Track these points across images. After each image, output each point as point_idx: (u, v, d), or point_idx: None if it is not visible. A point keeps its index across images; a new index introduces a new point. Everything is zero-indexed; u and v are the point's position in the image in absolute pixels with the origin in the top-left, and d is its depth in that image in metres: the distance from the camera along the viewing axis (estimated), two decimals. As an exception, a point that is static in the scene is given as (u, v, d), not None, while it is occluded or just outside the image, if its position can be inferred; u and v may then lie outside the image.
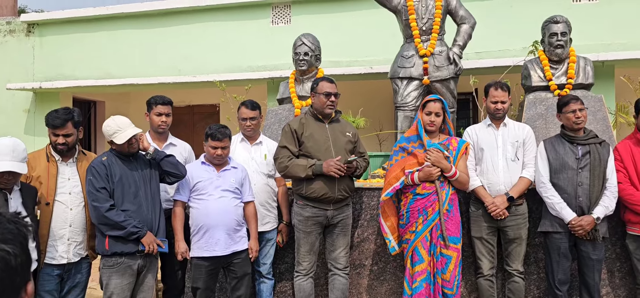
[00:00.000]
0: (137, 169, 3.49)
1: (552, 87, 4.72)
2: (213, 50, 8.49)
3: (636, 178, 3.59)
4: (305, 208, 3.73)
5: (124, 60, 8.90)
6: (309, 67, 5.19)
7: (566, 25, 4.72)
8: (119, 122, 3.42)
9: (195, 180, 3.64)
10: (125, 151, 3.43)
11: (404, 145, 3.84)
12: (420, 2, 5.13)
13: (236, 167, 3.78)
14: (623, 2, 7.13)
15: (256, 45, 8.29)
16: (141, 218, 3.38)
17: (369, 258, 4.28)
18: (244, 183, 3.78)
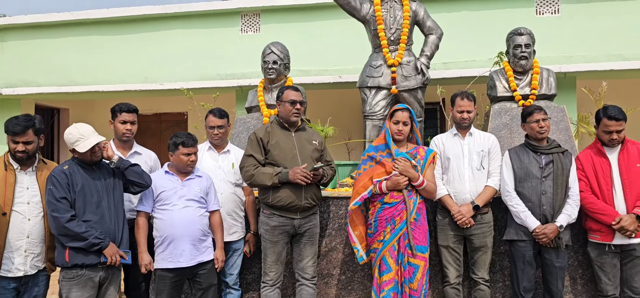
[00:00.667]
0: (100, 178, 3.39)
1: (516, 98, 4.82)
2: (181, 57, 8.39)
3: (597, 187, 3.67)
4: (272, 217, 3.69)
5: (88, 67, 8.70)
6: (278, 76, 5.17)
7: (530, 37, 4.83)
8: (81, 130, 3.32)
9: (158, 190, 3.56)
10: (88, 160, 3.33)
11: (372, 154, 3.84)
12: (388, 13, 5.18)
13: (201, 175, 3.72)
14: (584, 17, 7.37)
15: (225, 53, 8.23)
16: (103, 229, 3.27)
17: (337, 267, 4.26)
18: (209, 192, 3.72)
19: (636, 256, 3.60)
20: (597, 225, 3.65)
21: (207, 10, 8.34)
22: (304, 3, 7.95)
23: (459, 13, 7.50)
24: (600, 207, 3.61)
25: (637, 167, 3.63)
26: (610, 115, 3.63)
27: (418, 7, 5.28)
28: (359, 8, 5.26)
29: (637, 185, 3.61)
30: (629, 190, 3.60)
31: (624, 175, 3.63)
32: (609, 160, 3.69)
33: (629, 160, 3.66)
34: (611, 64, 6.91)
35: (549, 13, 7.47)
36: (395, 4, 5.22)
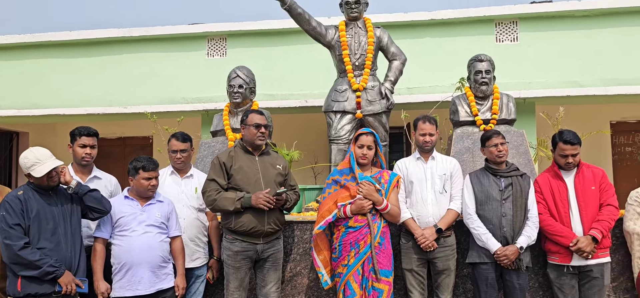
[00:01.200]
0: (57, 204, 3.28)
1: (478, 122, 4.92)
2: (146, 81, 8.26)
3: (555, 210, 3.75)
4: (234, 243, 3.63)
5: (50, 89, 8.45)
6: (244, 100, 5.17)
7: (490, 64, 4.97)
8: (38, 154, 3.22)
9: (117, 216, 3.47)
10: (45, 185, 3.22)
11: (337, 178, 3.85)
12: (353, 39, 5.27)
13: (162, 200, 3.65)
14: (542, 44, 7.61)
15: (191, 77, 8.14)
16: (59, 257, 3.15)
17: (301, 293, 4.21)
18: (171, 218, 3.64)
19: (593, 277, 3.67)
20: (555, 246, 3.72)
21: (173, 34, 8.27)
22: (271, 28, 7.97)
23: (422, 39, 7.66)
24: (558, 229, 3.69)
25: (592, 190, 3.74)
26: (565, 140, 3.74)
27: (382, 33, 5.38)
28: (324, 34, 5.32)
29: (592, 207, 3.71)
30: (585, 212, 3.69)
31: (580, 198, 3.73)
32: (566, 183, 3.78)
33: (584, 183, 3.76)
34: (568, 90, 7.12)
35: (508, 40, 7.70)
36: (360, 30, 5.31)
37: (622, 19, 7.55)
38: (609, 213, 3.69)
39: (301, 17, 5.21)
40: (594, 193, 3.73)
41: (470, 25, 7.71)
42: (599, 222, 3.64)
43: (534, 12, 7.64)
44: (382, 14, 7.59)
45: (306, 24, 5.27)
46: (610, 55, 7.47)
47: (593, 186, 3.75)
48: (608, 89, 7.02)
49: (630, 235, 3.80)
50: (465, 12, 7.67)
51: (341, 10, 5.42)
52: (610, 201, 3.73)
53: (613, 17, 7.56)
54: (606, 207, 3.71)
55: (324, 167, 6.05)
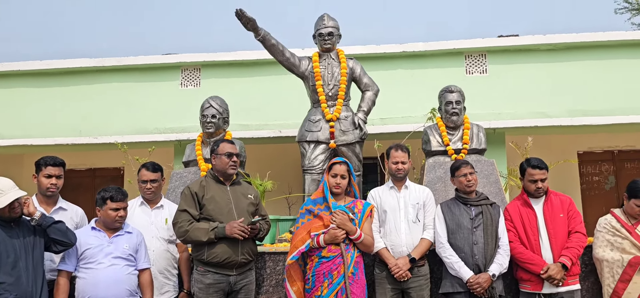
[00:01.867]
0: (19, 237, 3.14)
1: (449, 152, 4.98)
2: (118, 111, 8.14)
3: (525, 237, 3.78)
4: (207, 275, 3.54)
5: (17, 119, 8.24)
6: (217, 130, 5.14)
7: (460, 95, 5.07)
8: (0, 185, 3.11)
9: (83, 248, 3.35)
10: (6, 216, 3.10)
11: (310, 208, 3.82)
12: (326, 69, 5.31)
13: (131, 232, 3.55)
14: (510, 77, 7.81)
15: (164, 107, 8.06)
16: (19, 292, 3.02)
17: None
18: (139, 249, 3.54)
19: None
20: (527, 274, 3.73)
21: (146, 64, 8.21)
22: (245, 59, 7.99)
23: (394, 71, 7.77)
24: (529, 257, 3.72)
25: (560, 217, 3.79)
26: (533, 165, 3.83)
27: (355, 64, 5.45)
28: (298, 64, 5.36)
29: (561, 234, 3.75)
30: (555, 239, 3.73)
31: (549, 226, 3.77)
32: (535, 211, 3.83)
33: (553, 210, 3.81)
34: (535, 121, 7.27)
35: (478, 72, 7.87)
36: (333, 61, 5.37)
37: (586, 52, 7.83)
38: (577, 240, 3.74)
39: (275, 48, 5.25)
40: (563, 221, 3.79)
41: (441, 57, 7.87)
42: (568, 249, 3.69)
43: (502, 46, 7.86)
44: (355, 46, 7.71)
45: (280, 54, 5.30)
46: (575, 87, 7.71)
47: (561, 214, 3.81)
48: (574, 119, 7.21)
49: (600, 262, 3.86)
50: (436, 45, 7.84)
51: (315, 41, 5.48)
52: (578, 228, 3.79)
53: (577, 51, 7.83)
54: (575, 234, 3.77)
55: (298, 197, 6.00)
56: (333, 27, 5.38)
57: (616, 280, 3.72)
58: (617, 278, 3.72)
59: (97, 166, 9.69)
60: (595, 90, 7.67)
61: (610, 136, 8.85)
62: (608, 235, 3.85)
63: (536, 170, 3.81)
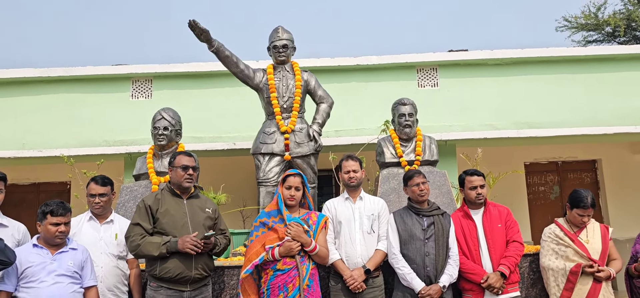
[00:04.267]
0: None
1: (403, 163, 5.05)
2: (65, 123, 7.84)
3: (466, 248, 3.85)
4: (159, 291, 3.44)
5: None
6: (169, 142, 5.04)
7: (412, 107, 5.16)
8: None
9: (24, 266, 3.17)
10: (-62, 235, 2.92)
11: (265, 220, 3.78)
12: (281, 81, 5.31)
13: (76, 248, 3.39)
14: (460, 90, 8.02)
15: (114, 119, 7.83)
16: (-48, 315, 2.84)
17: (229, 341, 4.04)
18: (85, 266, 3.38)
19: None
20: (469, 284, 3.79)
21: (96, 75, 7.95)
22: (198, 70, 7.89)
23: (348, 83, 7.85)
24: (470, 267, 3.78)
25: (498, 227, 3.88)
26: (471, 173, 3.97)
27: (309, 76, 5.47)
28: (252, 76, 5.33)
29: (500, 244, 3.84)
30: (493, 249, 3.81)
31: (488, 236, 3.86)
32: (475, 222, 3.91)
33: (491, 221, 3.91)
34: (484, 133, 7.48)
35: (430, 86, 8.05)
36: (288, 73, 5.37)
37: (531, 67, 8.14)
38: (515, 249, 3.84)
39: (229, 59, 5.21)
40: (501, 231, 3.89)
41: (393, 70, 8.01)
42: (506, 258, 3.77)
43: (452, 60, 8.07)
44: (310, 59, 7.75)
45: (234, 66, 5.26)
46: (521, 101, 7.99)
47: (499, 224, 3.90)
48: (520, 131, 7.46)
49: (546, 271, 3.96)
50: (389, 59, 7.97)
51: (269, 53, 5.48)
52: (516, 237, 3.89)
53: (523, 66, 8.13)
54: (512, 244, 3.86)
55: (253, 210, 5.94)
56: (287, 39, 5.38)
57: (561, 288, 3.82)
58: (562, 287, 3.82)
59: (42, 180, 9.28)
60: (540, 104, 7.98)
61: (555, 147, 9.21)
62: (552, 244, 3.96)
63: (474, 177, 3.94)
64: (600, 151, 9.45)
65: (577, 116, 7.91)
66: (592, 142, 8.23)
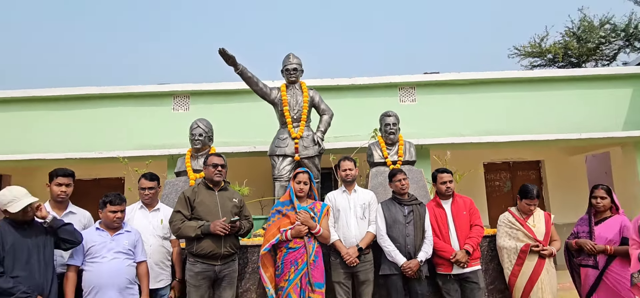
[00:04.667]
0: (31, 236, 2.94)
1: (388, 163, 5.04)
2: (120, 130, 7.83)
3: (438, 231, 3.84)
4: (196, 265, 3.43)
5: (33, 137, 7.80)
6: (203, 146, 5.02)
7: (396, 118, 5.14)
8: (14, 192, 2.91)
9: (89, 245, 3.18)
10: (20, 219, 2.90)
11: (279, 209, 3.78)
12: (292, 97, 5.29)
13: (130, 230, 3.39)
14: (433, 105, 7.99)
15: (159, 127, 7.82)
16: (32, 284, 2.82)
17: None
18: (137, 245, 3.38)
19: (472, 281, 3.76)
20: (440, 260, 3.79)
21: (144, 92, 7.95)
22: (226, 88, 7.88)
23: (345, 99, 7.82)
24: (441, 246, 3.78)
25: (463, 214, 3.88)
26: (441, 171, 3.98)
27: (314, 93, 5.45)
28: (269, 93, 5.32)
29: (465, 227, 3.84)
30: (460, 232, 3.81)
31: (455, 221, 3.85)
32: (445, 210, 3.90)
33: (458, 209, 3.90)
34: (452, 139, 7.45)
35: (409, 101, 8.03)
36: (297, 91, 5.35)
37: (489, 86, 8.13)
38: (476, 232, 3.84)
39: (251, 80, 5.19)
40: (466, 217, 3.88)
41: (380, 89, 7.98)
42: (470, 239, 3.78)
43: (427, 80, 8.05)
44: (314, 79, 7.72)
45: (255, 85, 5.24)
46: (481, 113, 7.97)
47: (464, 211, 3.90)
48: (480, 138, 7.44)
49: (501, 250, 3.96)
50: (377, 79, 7.95)
51: (282, 75, 5.46)
52: (477, 222, 3.90)
53: (483, 85, 8.12)
54: (474, 227, 3.86)
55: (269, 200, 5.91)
56: (297, 64, 5.37)
57: (513, 263, 3.82)
58: (513, 262, 3.82)
59: (102, 177, 9.27)
60: (495, 116, 7.96)
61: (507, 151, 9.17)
62: (506, 228, 3.95)
63: (444, 174, 3.95)
64: (543, 153, 9.43)
65: (524, 125, 7.89)
66: (537, 146, 8.20)
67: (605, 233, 3.58)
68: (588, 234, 3.66)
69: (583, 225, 3.76)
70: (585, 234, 3.69)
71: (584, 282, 3.67)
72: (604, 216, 3.68)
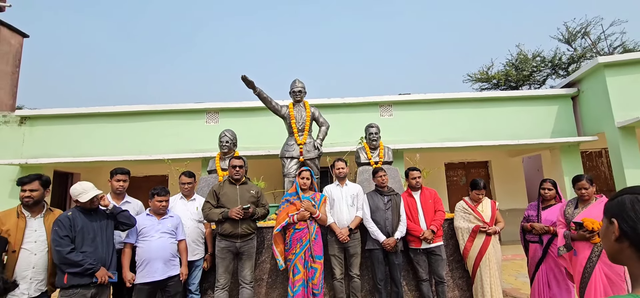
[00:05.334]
0: (96, 220, 2.92)
1: (371, 163, 5.02)
2: (165, 138, 7.80)
3: (410, 215, 3.82)
4: (221, 242, 3.42)
5: (96, 144, 7.76)
6: (229, 150, 4.98)
7: (377, 129, 5.13)
8: (84, 186, 2.89)
9: (141, 227, 3.16)
10: (88, 207, 2.88)
11: (288, 198, 3.76)
12: (298, 113, 5.28)
13: (172, 216, 3.37)
14: (406, 118, 7.98)
15: (195, 136, 7.78)
16: (96, 257, 2.79)
17: (266, 273, 4.00)
18: (178, 227, 3.36)
19: (436, 254, 3.75)
20: (412, 237, 3.78)
21: (183, 108, 7.92)
22: (247, 106, 7.84)
23: (338, 114, 7.79)
24: (412, 227, 3.77)
25: (429, 202, 3.87)
26: (412, 169, 3.95)
27: (315, 110, 5.43)
28: (279, 110, 5.30)
29: (430, 212, 3.82)
30: (427, 216, 3.80)
31: (423, 207, 3.84)
32: (415, 199, 3.89)
33: (425, 198, 3.89)
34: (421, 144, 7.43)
35: (387, 115, 8.01)
36: (302, 108, 5.34)
37: (449, 104, 8.12)
38: (440, 216, 3.83)
39: (266, 100, 5.18)
40: (431, 205, 3.87)
41: (365, 106, 7.96)
42: (435, 221, 3.77)
43: (401, 100, 8.04)
44: (315, 98, 7.72)
45: (269, 104, 5.23)
46: (443, 125, 7.96)
47: (430, 200, 3.88)
48: (443, 143, 7.44)
49: (457, 230, 3.94)
50: (362, 99, 7.92)
51: (290, 95, 5.44)
52: (440, 208, 3.88)
53: (444, 103, 8.12)
54: (438, 212, 3.85)
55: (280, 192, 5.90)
56: (302, 87, 5.36)
57: (466, 240, 3.81)
58: (466, 239, 3.81)
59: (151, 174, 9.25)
60: (454, 127, 7.95)
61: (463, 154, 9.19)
62: (461, 212, 3.94)
63: (414, 171, 3.93)
64: (490, 155, 9.44)
65: (475, 134, 7.89)
66: (485, 150, 8.20)
67: (550, 216, 3.59)
68: (536, 217, 3.66)
69: (532, 210, 3.76)
70: (534, 217, 3.69)
71: (533, 255, 3.65)
72: (549, 203, 3.68)
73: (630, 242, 0.91)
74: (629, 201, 0.93)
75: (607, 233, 0.97)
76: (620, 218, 0.94)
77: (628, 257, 0.92)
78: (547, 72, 14.75)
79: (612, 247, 0.95)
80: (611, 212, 0.97)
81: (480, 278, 3.66)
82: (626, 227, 0.92)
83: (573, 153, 7.64)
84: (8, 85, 9.03)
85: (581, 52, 13.92)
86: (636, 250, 0.90)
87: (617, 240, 0.94)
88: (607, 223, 0.97)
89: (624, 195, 0.96)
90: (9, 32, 9.25)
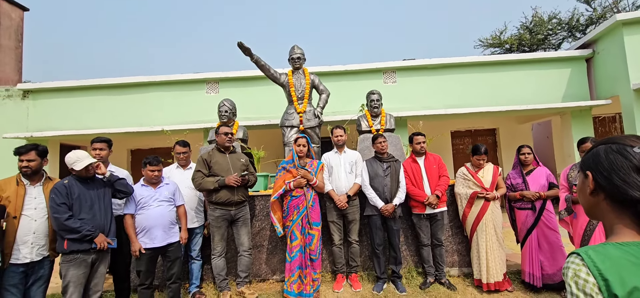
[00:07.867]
0: (93, 188, 2.95)
1: (373, 131, 4.96)
2: (165, 109, 7.80)
3: (414, 181, 3.80)
4: (216, 210, 3.46)
5: (98, 116, 7.81)
6: (229, 120, 4.96)
7: (379, 95, 5.01)
8: (78, 154, 2.90)
9: (138, 197, 3.19)
10: (84, 175, 2.91)
11: (284, 166, 3.76)
12: (297, 81, 5.18)
13: (168, 183, 3.40)
14: (410, 84, 7.83)
15: (195, 106, 7.77)
16: (95, 224, 2.85)
17: (265, 240, 4.08)
18: (175, 193, 3.40)
19: (438, 219, 3.77)
20: (416, 203, 3.78)
21: (183, 79, 7.86)
22: (247, 75, 7.73)
23: (340, 82, 7.66)
24: (416, 193, 3.75)
25: (434, 168, 3.83)
26: (416, 134, 3.90)
27: (315, 77, 5.32)
28: (278, 78, 5.21)
29: (435, 178, 3.79)
30: (431, 181, 3.78)
31: (428, 173, 3.80)
32: (420, 165, 3.86)
33: (429, 164, 3.85)
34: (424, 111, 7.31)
35: (391, 82, 7.85)
36: (301, 75, 5.23)
37: (455, 69, 7.91)
38: (444, 181, 3.79)
39: (264, 67, 5.08)
40: (436, 170, 3.83)
41: (367, 73, 7.80)
42: (439, 187, 3.74)
43: (405, 65, 7.84)
44: (315, 66, 7.57)
45: (267, 71, 5.13)
46: (448, 90, 7.79)
47: (434, 166, 3.84)
48: (447, 110, 7.32)
49: (457, 195, 3.92)
50: (365, 65, 7.75)
51: (289, 62, 5.33)
52: (444, 174, 3.84)
53: (450, 68, 7.90)
54: (442, 178, 3.81)
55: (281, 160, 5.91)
56: (300, 53, 5.23)
57: (464, 205, 3.80)
58: (464, 205, 3.79)
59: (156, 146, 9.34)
60: (460, 92, 7.78)
61: (469, 120, 9.04)
62: (461, 178, 3.90)
63: (419, 136, 3.87)
64: (498, 122, 9.27)
65: (483, 100, 7.71)
66: (493, 116, 8.04)
67: (536, 181, 3.54)
68: (523, 184, 3.62)
69: (517, 177, 3.72)
70: (521, 185, 3.65)
71: (525, 221, 3.63)
72: (530, 168, 3.65)
73: (606, 194, 0.87)
74: (603, 152, 0.89)
75: (583, 188, 0.93)
76: (594, 171, 0.89)
77: (603, 211, 0.88)
78: (564, 35, 14.12)
79: (588, 201, 0.91)
80: (586, 165, 0.92)
81: (477, 243, 3.68)
82: (600, 179, 0.88)
83: (585, 118, 7.44)
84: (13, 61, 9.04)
85: (601, 12, 13.21)
86: (611, 202, 0.86)
87: (592, 194, 0.90)
88: (582, 177, 0.92)
89: (598, 147, 0.91)
90: (9, 5, 9.15)
